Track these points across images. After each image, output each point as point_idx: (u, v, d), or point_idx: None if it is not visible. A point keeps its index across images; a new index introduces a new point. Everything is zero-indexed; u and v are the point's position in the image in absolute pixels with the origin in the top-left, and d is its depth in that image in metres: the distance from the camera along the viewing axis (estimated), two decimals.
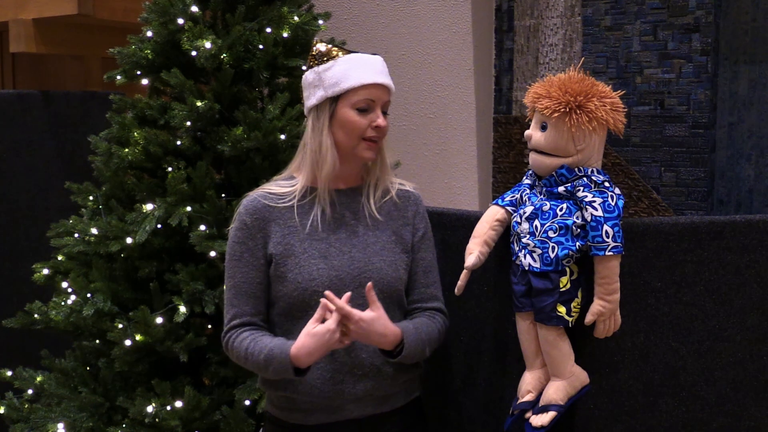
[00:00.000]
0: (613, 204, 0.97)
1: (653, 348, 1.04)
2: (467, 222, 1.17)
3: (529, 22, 1.94)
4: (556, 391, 1.02)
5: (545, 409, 1.02)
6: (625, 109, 1.02)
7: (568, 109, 0.98)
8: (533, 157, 1.04)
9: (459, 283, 1.08)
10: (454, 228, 1.20)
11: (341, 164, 1.08)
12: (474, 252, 1.06)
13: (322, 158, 1.07)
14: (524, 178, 1.09)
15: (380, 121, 1.06)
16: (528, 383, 1.06)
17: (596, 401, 1.07)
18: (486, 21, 2.03)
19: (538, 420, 1.01)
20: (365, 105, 1.06)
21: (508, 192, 1.10)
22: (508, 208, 1.08)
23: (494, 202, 1.11)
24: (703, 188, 1.73)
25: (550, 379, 1.04)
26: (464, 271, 1.07)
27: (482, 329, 1.18)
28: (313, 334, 0.99)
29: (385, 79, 1.07)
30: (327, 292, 1.01)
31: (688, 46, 1.74)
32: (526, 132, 1.03)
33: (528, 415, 1.04)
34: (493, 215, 1.08)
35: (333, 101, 1.06)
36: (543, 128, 1.01)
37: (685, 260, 1.03)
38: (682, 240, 1.03)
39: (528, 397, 1.05)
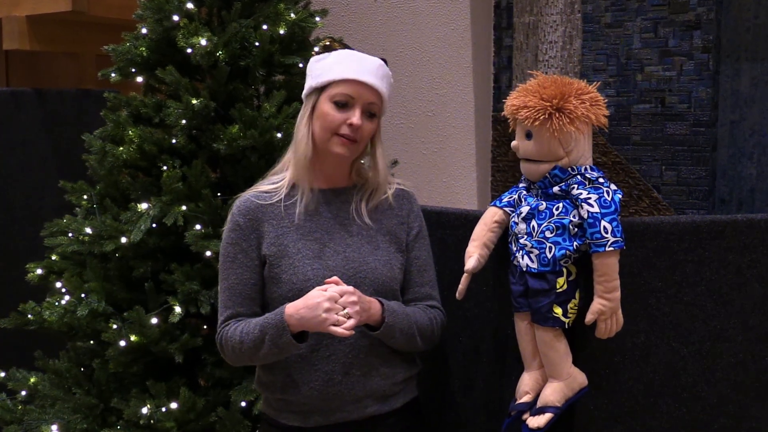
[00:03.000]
0: (609, 199, 0.96)
1: (654, 348, 1.04)
2: (466, 221, 1.16)
3: (528, 19, 1.92)
4: (553, 393, 1.01)
5: (542, 410, 1.01)
6: (605, 100, 1.01)
7: (547, 115, 0.96)
8: (524, 166, 1.03)
9: (460, 287, 1.07)
10: (452, 227, 1.20)
11: (322, 161, 1.08)
12: (474, 255, 1.06)
13: (297, 147, 1.06)
14: (520, 181, 1.08)
15: (355, 119, 1.03)
16: (526, 384, 1.05)
17: (596, 402, 1.06)
18: (485, 18, 2.02)
19: (535, 422, 1.00)
20: (343, 100, 1.04)
21: (506, 193, 1.10)
22: (506, 209, 1.08)
23: (492, 203, 1.10)
24: (705, 187, 1.72)
25: (547, 381, 1.03)
26: (465, 275, 1.07)
27: (481, 330, 1.17)
28: (306, 295, 0.99)
29: (370, 78, 1.04)
30: (327, 281, 1.00)
31: (689, 43, 1.73)
32: (513, 143, 1.03)
33: (525, 416, 1.03)
34: (491, 217, 1.08)
35: (318, 92, 1.06)
36: (528, 137, 1.00)
37: (686, 260, 1.02)
38: (683, 239, 1.02)
39: (525, 399, 1.04)
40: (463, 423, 1.21)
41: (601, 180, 0.99)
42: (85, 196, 1.57)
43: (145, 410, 1.38)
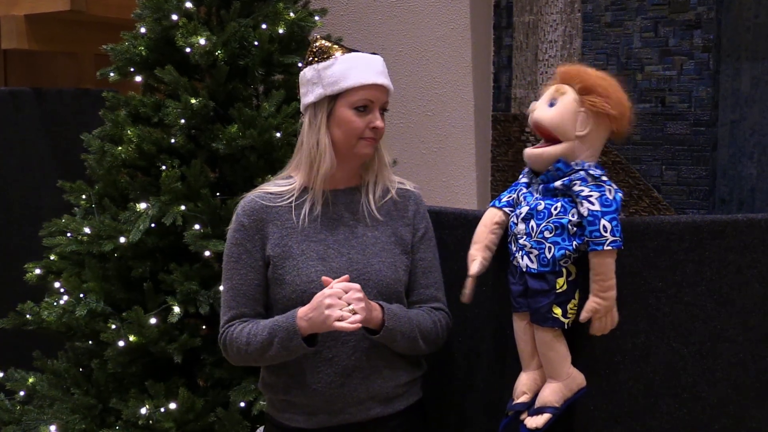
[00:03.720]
0: (611, 198, 0.96)
1: (654, 348, 1.03)
2: (465, 221, 1.16)
3: (528, 19, 1.92)
4: (552, 393, 1.01)
5: (540, 410, 1.00)
6: (632, 127, 1.02)
7: (586, 92, 0.97)
8: (529, 152, 1.02)
9: (466, 291, 1.07)
10: (452, 227, 1.19)
11: (339, 163, 1.08)
12: (477, 258, 1.05)
13: (320, 157, 1.06)
14: (520, 176, 1.08)
15: (378, 122, 1.05)
16: (524, 384, 1.04)
17: (596, 402, 1.06)
18: (484, 17, 2.01)
19: (533, 422, 1.00)
20: (364, 105, 1.05)
21: (505, 192, 1.09)
22: (506, 209, 1.07)
23: (491, 204, 1.09)
24: (705, 187, 1.72)
25: (546, 381, 1.03)
26: (469, 279, 1.06)
27: (481, 330, 1.17)
28: (314, 298, 1.00)
29: (384, 80, 1.06)
30: (324, 278, 1.00)
31: (689, 42, 1.72)
32: (532, 104, 1.02)
33: (523, 416, 1.03)
34: (491, 218, 1.07)
35: (332, 100, 1.06)
36: (551, 105, 1.00)
37: (686, 260, 1.01)
38: (683, 239, 1.01)
39: (523, 398, 1.04)
40: (464, 424, 1.20)
41: (604, 178, 0.99)
42: (83, 196, 1.56)
43: (143, 410, 1.38)
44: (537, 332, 1.01)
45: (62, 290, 1.53)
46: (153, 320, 1.41)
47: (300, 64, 1.53)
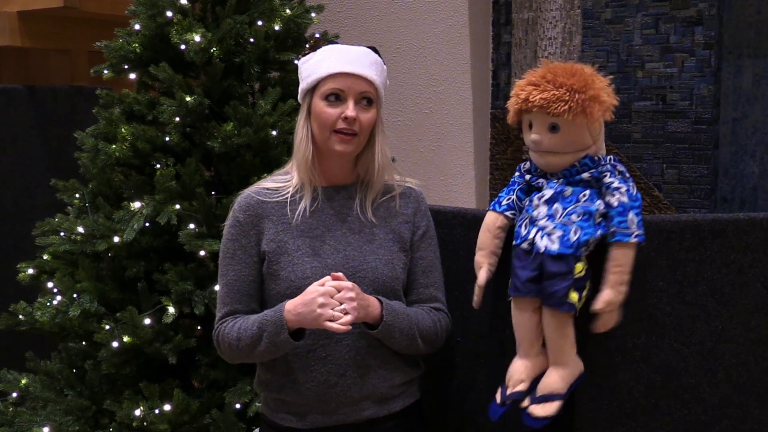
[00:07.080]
0: (635, 193, 0.97)
1: (654, 349, 1.02)
2: (464, 220, 1.15)
3: (527, 15, 1.91)
4: (561, 380, 0.99)
5: (548, 398, 0.98)
6: (612, 85, 1.01)
7: (583, 106, 0.95)
8: (546, 159, 1.00)
9: (475, 299, 1.06)
10: (450, 226, 1.18)
11: (325, 160, 1.07)
12: (484, 266, 1.04)
13: (298, 150, 1.06)
14: (515, 176, 1.06)
15: (349, 111, 1.02)
16: (521, 372, 1.02)
17: (596, 403, 1.05)
18: (483, 14, 2.00)
19: (542, 410, 0.98)
20: (334, 94, 1.03)
21: (503, 194, 1.07)
22: (507, 213, 1.06)
23: (491, 208, 1.08)
24: (706, 185, 1.71)
25: (548, 368, 1.01)
26: (477, 288, 1.05)
27: (480, 329, 1.16)
28: (304, 291, 0.99)
29: (356, 68, 1.03)
30: (333, 274, 0.99)
31: (690, 39, 1.71)
32: (533, 137, 0.99)
33: (525, 404, 1.00)
34: (494, 223, 1.06)
35: (310, 93, 1.05)
36: (553, 129, 0.98)
37: (687, 259, 1.00)
38: (684, 238, 1.01)
39: (521, 387, 1.01)
40: (464, 424, 1.19)
41: (627, 174, 1.00)
42: (77, 195, 1.55)
43: (138, 412, 1.36)
44: (549, 318, 0.99)
45: (55, 290, 1.51)
46: (147, 321, 1.40)
47: (296, 62, 1.51)
